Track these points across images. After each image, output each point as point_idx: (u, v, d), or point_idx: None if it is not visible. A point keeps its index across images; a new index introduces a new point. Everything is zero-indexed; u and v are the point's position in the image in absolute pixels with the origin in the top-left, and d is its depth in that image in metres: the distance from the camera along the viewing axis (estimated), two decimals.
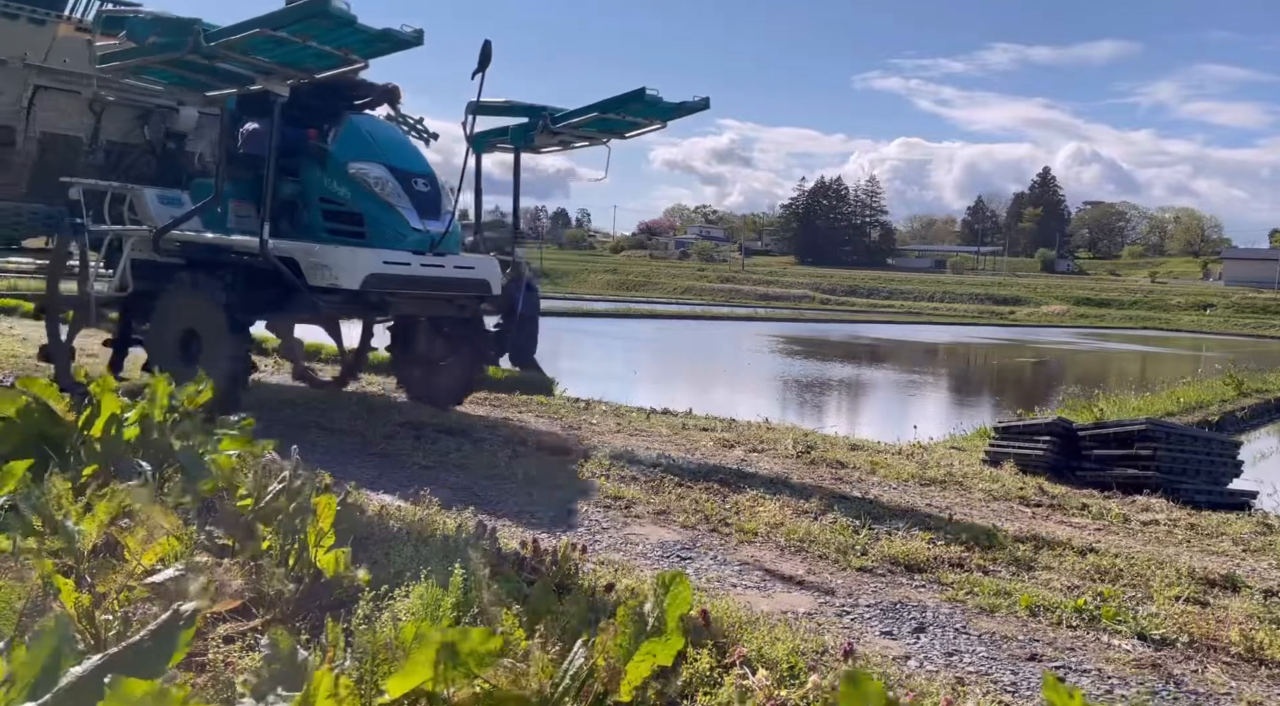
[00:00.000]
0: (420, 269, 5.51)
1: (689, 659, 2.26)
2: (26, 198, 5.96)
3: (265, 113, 5.44)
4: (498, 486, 4.36)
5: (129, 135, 6.36)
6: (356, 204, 5.49)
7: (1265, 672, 2.73)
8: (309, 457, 3.00)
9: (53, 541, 2.56)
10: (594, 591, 2.71)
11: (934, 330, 36.17)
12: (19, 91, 5.86)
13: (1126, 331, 44.35)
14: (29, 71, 5.81)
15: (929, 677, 2.51)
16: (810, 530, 3.85)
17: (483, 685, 1.72)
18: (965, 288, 68.48)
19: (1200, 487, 5.52)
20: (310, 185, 5.55)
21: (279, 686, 1.68)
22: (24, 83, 5.84)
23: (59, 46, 5.94)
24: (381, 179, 5.55)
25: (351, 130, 5.69)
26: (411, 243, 5.54)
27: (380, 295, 5.43)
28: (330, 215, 5.52)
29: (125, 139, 6.34)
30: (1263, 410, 12.45)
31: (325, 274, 5.25)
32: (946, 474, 5.43)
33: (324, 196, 5.53)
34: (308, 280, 5.27)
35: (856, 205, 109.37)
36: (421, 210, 5.65)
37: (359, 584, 2.49)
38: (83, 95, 6.04)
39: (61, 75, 5.95)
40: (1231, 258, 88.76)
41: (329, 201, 5.53)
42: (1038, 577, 3.50)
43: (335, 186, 5.50)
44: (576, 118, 6.49)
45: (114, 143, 6.28)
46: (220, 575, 2.42)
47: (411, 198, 5.62)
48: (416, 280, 5.53)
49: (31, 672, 1.53)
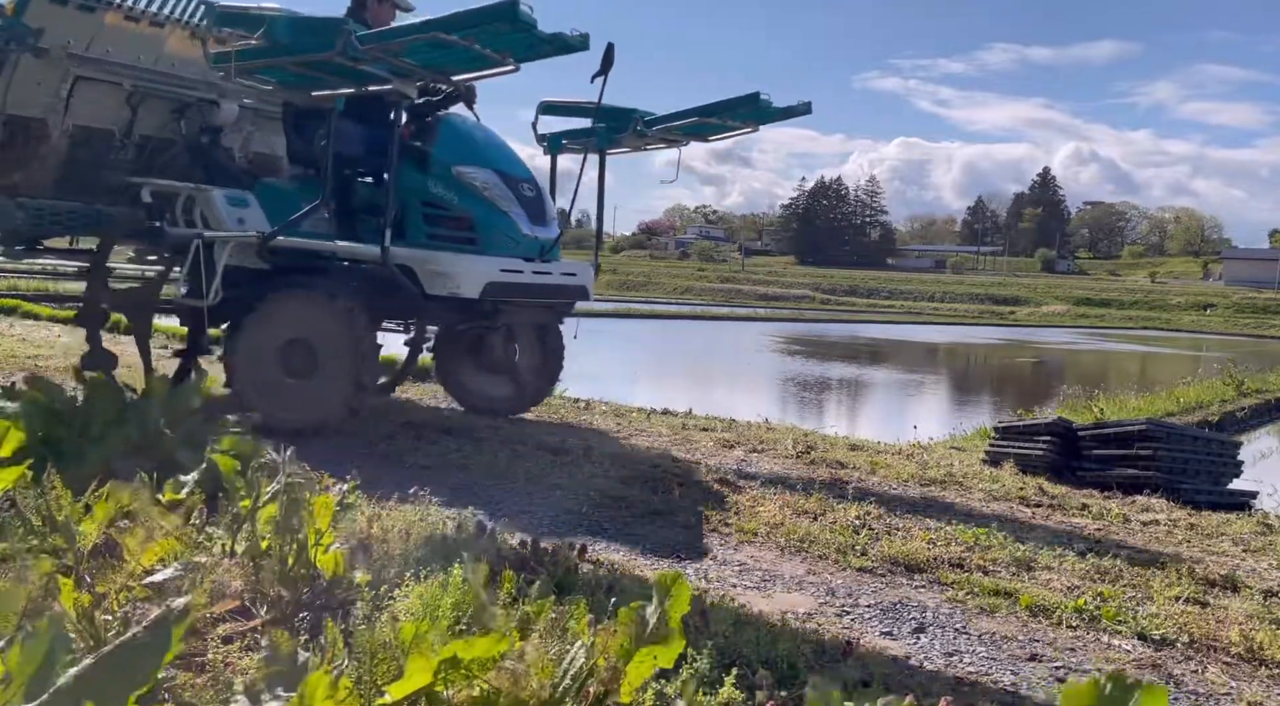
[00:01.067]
0: (532, 276, 5.42)
1: (689, 659, 2.25)
2: (54, 194, 5.77)
3: (358, 113, 5.42)
4: (498, 486, 4.36)
5: (163, 129, 6.14)
6: (465, 209, 5.29)
7: (1265, 673, 2.73)
8: (309, 458, 2.99)
9: (53, 540, 2.56)
10: (594, 591, 2.71)
11: (934, 330, 36.19)
12: (58, 82, 5.58)
13: (1126, 331, 44.35)
14: (71, 61, 5.52)
15: (929, 678, 2.50)
16: (810, 530, 3.85)
17: (483, 686, 1.72)
18: (965, 288, 68.51)
19: (1200, 487, 5.52)
20: (410, 188, 5.31)
21: (278, 687, 1.68)
22: (65, 73, 5.55)
23: (104, 35, 5.63)
24: (492, 183, 5.39)
25: (450, 131, 5.48)
26: (523, 249, 5.43)
27: (494, 304, 5.30)
28: (434, 220, 5.30)
29: (159, 133, 6.12)
30: (1263, 410, 12.45)
31: (445, 282, 5.12)
32: (946, 474, 5.43)
33: (426, 200, 5.31)
34: (425, 288, 5.15)
35: (856, 205, 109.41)
36: (530, 215, 5.54)
37: (358, 584, 2.49)
38: (124, 87, 5.80)
39: (106, 66, 5.67)
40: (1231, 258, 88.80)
41: (433, 206, 5.31)
42: (1038, 578, 3.49)
43: (440, 190, 5.28)
44: (676, 121, 6.30)
45: (146, 137, 6.06)
46: (220, 575, 2.42)
47: (520, 202, 5.48)
48: (529, 288, 5.45)
49: (28, 672, 1.53)
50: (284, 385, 5.16)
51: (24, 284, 16.82)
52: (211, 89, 6.11)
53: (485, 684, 1.72)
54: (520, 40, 4.59)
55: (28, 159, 5.73)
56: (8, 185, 5.64)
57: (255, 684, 1.72)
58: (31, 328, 10.46)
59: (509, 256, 5.35)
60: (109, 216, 5.83)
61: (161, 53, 5.90)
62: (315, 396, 5.16)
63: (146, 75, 5.88)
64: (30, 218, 5.55)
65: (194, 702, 1.94)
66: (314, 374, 5.16)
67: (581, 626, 2.10)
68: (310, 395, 5.15)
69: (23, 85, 5.52)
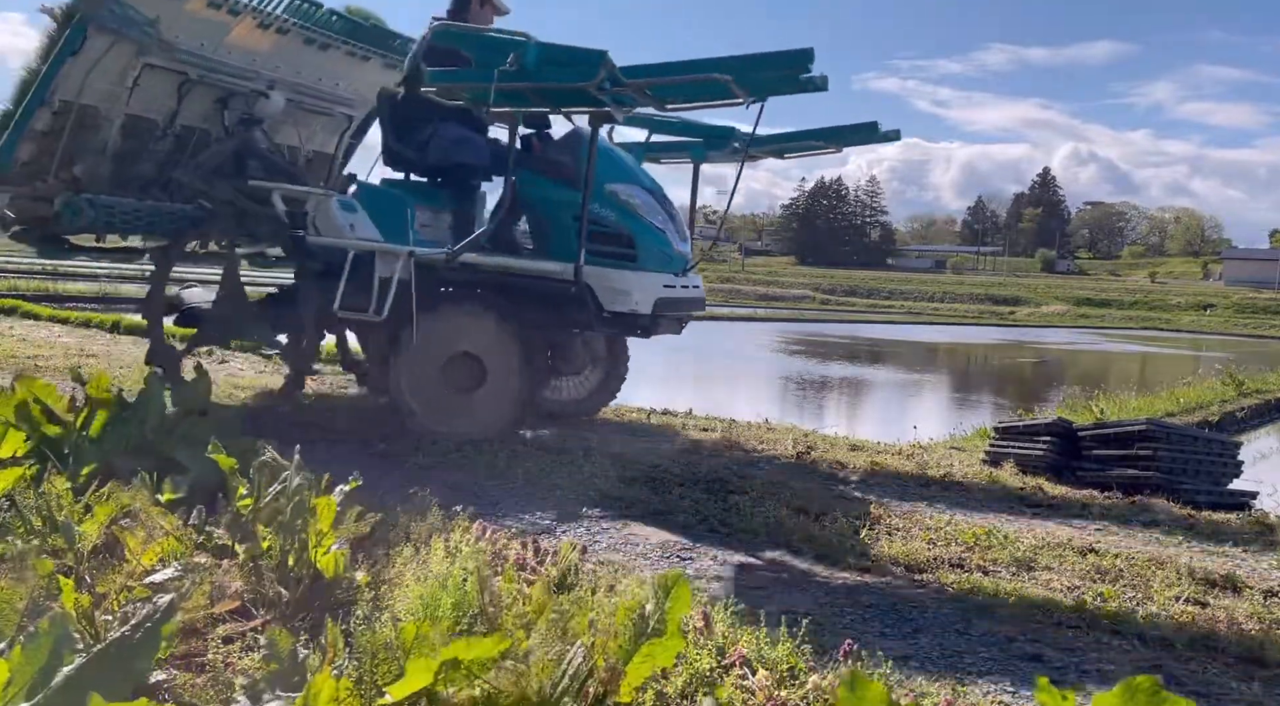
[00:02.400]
0: (680, 291, 5.51)
1: (689, 659, 2.25)
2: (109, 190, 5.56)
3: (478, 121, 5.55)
4: (498, 486, 4.36)
5: (207, 120, 6.00)
6: (623, 225, 5.27)
7: (1265, 673, 2.73)
8: (309, 458, 3.00)
9: (53, 540, 2.56)
10: (594, 591, 2.71)
11: (934, 330, 36.18)
12: (125, 68, 5.42)
13: (1126, 331, 44.34)
14: (146, 46, 5.39)
15: (929, 678, 2.50)
16: (810, 530, 3.85)
17: (483, 686, 1.72)
18: (965, 288, 68.49)
19: (1200, 488, 5.52)
20: (561, 204, 5.30)
21: (278, 687, 1.68)
22: (134, 59, 5.41)
23: (176, 21, 5.48)
24: (644, 200, 5.44)
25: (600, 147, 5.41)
26: (674, 264, 5.49)
27: (655, 318, 5.33)
28: (590, 236, 5.23)
29: (201, 124, 5.99)
30: (1263, 410, 12.43)
31: (625, 299, 5.18)
32: (946, 474, 5.43)
33: (578, 215, 5.24)
34: (604, 305, 5.18)
35: (856, 205, 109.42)
36: (676, 231, 5.61)
37: (358, 584, 2.49)
38: (191, 76, 5.68)
39: (178, 54, 5.54)
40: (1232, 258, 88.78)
41: (589, 222, 5.24)
42: (1038, 578, 3.49)
43: (595, 207, 5.23)
44: (787, 144, 6.44)
45: (188, 128, 5.93)
46: (220, 576, 2.42)
47: (669, 219, 5.55)
48: (680, 302, 5.51)
49: (29, 672, 1.53)
50: (447, 398, 5.26)
51: (24, 284, 16.82)
52: (261, 80, 6.02)
53: (486, 684, 1.72)
54: (780, 82, 4.70)
55: (86, 151, 5.52)
56: (67, 179, 5.46)
57: (256, 684, 1.72)
58: (31, 327, 10.46)
59: (665, 272, 5.43)
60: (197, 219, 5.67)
61: (223, 40, 5.75)
62: (479, 410, 5.26)
63: (209, 64, 5.73)
64: (100, 216, 5.31)
65: (194, 702, 1.94)
66: (479, 388, 5.25)
67: (582, 626, 2.10)
68: (474, 408, 5.26)
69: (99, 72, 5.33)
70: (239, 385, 6.74)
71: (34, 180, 5.44)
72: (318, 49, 6.38)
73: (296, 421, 5.44)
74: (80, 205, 5.23)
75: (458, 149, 5.51)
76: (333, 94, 6.76)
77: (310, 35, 6.23)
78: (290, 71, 6.29)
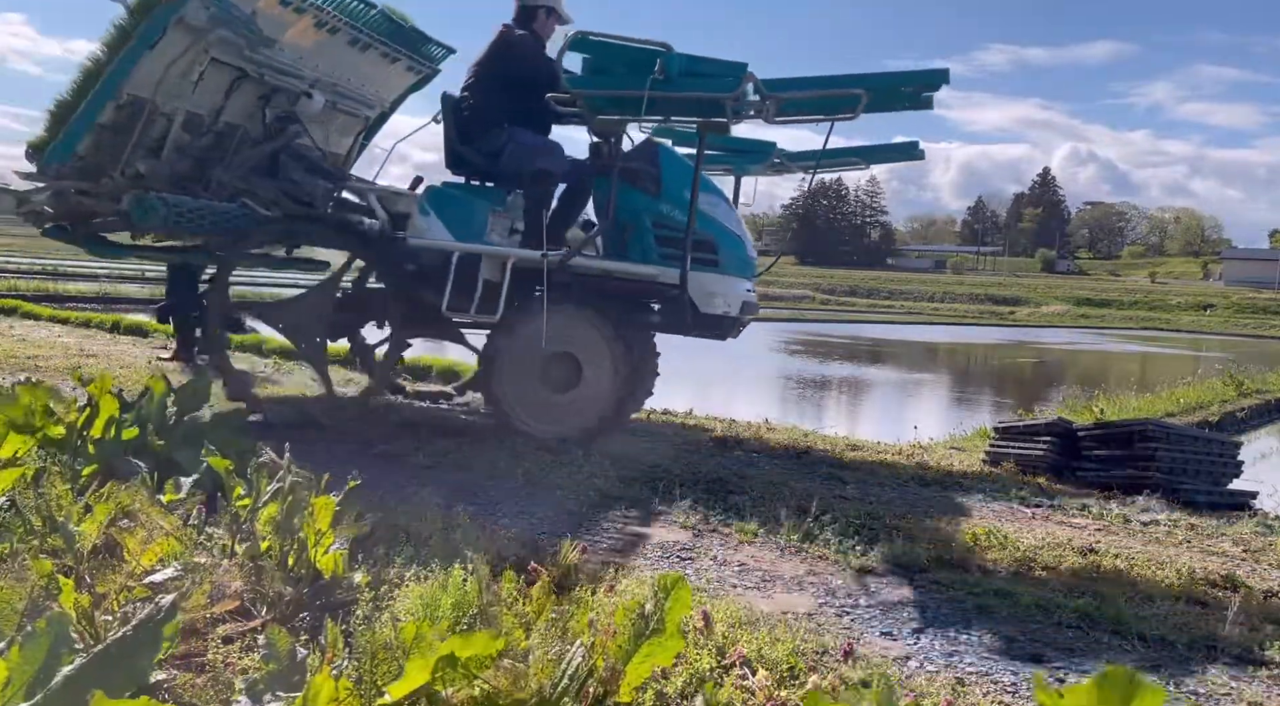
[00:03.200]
0: (751, 295, 5.73)
1: (688, 659, 2.25)
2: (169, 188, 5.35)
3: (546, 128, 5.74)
4: (498, 486, 4.36)
5: (250, 118, 5.86)
6: (706, 231, 5.48)
7: (1265, 673, 2.73)
8: (309, 457, 3.00)
9: (53, 540, 2.56)
10: (594, 591, 2.71)
11: (934, 330, 36.18)
12: (192, 63, 5.33)
13: (1126, 331, 44.34)
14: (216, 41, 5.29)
15: (929, 678, 2.50)
16: (810, 530, 3.85)
17: (483, 685, 1.72)
18: (965, 288, 68.51)
19: (1200, 488, 5.51)
20: (640, 210, 5.44)
21: (278, 687, 1.68)
22: (202, 53, 5.31)
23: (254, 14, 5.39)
24: (725, 209, 5.64)
25: (669, 157, 5.60)
26: (749, 269, 5.72)
27: (735, 321, 5.58)
28: (667, 241, 5.42)
29: (242, 122, 5.85)
30: (1263, 410, 12.43)
31: (718, 302, 5.45)
32: (946, 474, 5.43)
33: (659, 222, 5.43)
34: (699, 308, 5.41)
35: (856, 205, 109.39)
36: (748, 237, 5.83)
37: (358, 584, 2.49)
38: (247, 73, 5.57)
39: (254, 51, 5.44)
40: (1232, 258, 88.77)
41: (665, 227, 5.43)
42: (1038, 577, 3.49)
43: (675, 213, 5.42)
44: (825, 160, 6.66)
45: (230, 125, 5.81)
46: (219, 576, 2.42)
47: (740, 225, 5.74)
48: (753, 306, 5.75)
49: (27, 672, 1.53)
50: (545, 398, 5.39)
51: (24, 284, 16.83)
52: (306, 79, 5.94)
53: (485, 684, 1.72)
54: (902, 99, 5.07)
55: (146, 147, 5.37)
56: (132, 175, 5.32)
57: (256, 684, 1.72)
58: (31, 327, 10.46)
59: (743, 277, 5.66)
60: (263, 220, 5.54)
61: (280, 37, 5.68)
62: (574, 410, 5.40)
63: (268, 61, 5.63)
64: (171, 215, 5.15)
65: (194, 702, 1.94)
66: (575, 388, 5.38)
67: (582, 626, 2.10)
68: (570, 409, 5.40)
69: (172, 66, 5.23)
70: None
71: (92, 176, 5.29)
72: (358, 50, 6.31)
73: (297, 421, 5.44)
74: (154, 203, 5.10)
75: (538, 155, 5.59)
76: (359, 94, 6.67)
77: (357, 36, 6.19)
78: (329, 70, 6.23)
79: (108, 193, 5.26)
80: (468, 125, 5.68)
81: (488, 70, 5.68)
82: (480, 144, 5.64)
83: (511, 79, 5.59)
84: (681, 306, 5.37)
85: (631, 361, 5.43)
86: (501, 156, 5.57)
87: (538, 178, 5.56)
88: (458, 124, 5.72)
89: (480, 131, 5.64)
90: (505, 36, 5.68)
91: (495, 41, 5.72)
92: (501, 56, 5.66)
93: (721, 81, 4.91)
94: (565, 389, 5.40)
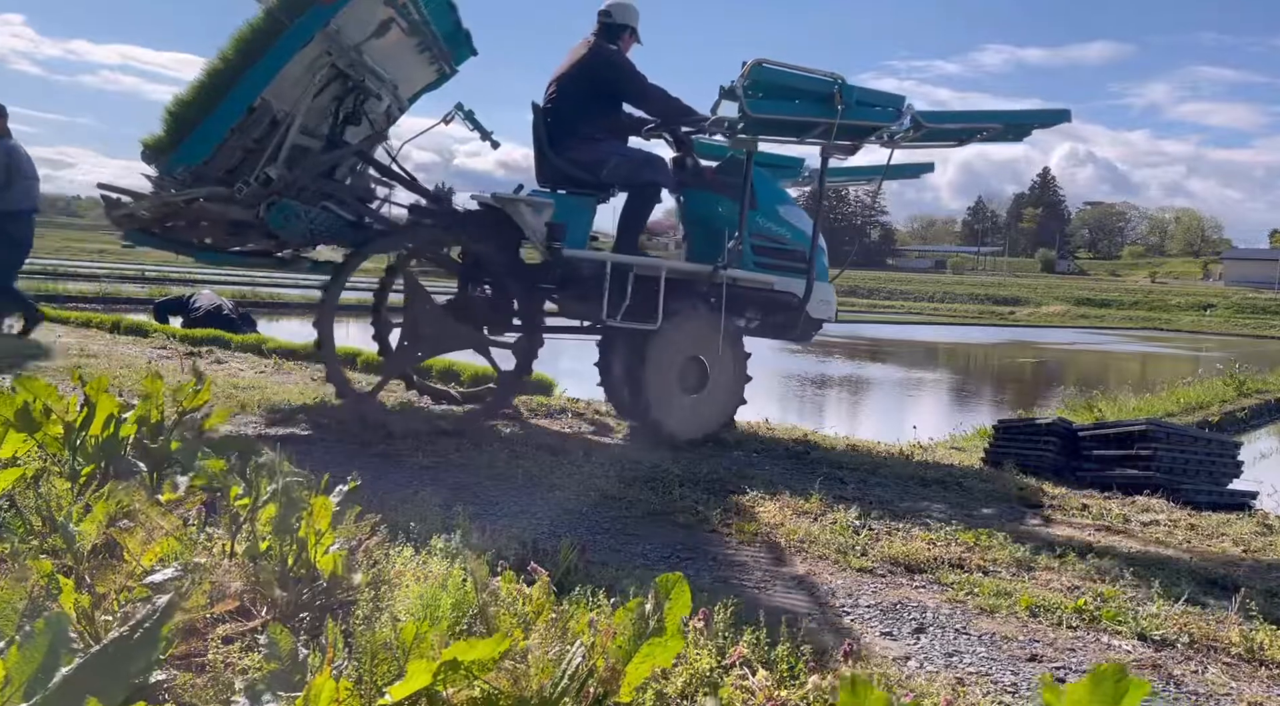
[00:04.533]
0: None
1: (689, 659, 2.25)
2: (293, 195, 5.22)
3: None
4: (498, 486, 4.36)
5: (319, 123, 5.68)
6: (799, 242, 5.97)
7: (1265, 673, 2.73)
8: (309, 457, 3.00)
9: (53, 540, 2.56)
10: (594, 591, 2.71)
11: (934, 330, 36.17)
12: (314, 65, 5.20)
13: (1126, 331, 44.33)
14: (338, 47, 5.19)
15: (929, 678, 2.50)
16: (810, 530, 3.85)
17: (483, 686, 1.72)
18: (965, 288, 68.50)
19: (1200, 488, 5.52)
20: (736, 222, 5.80)
21: (278, 687, 1.68)
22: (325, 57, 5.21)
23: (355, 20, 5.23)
24: (807, 221, 6.06)
25: (759, 174, 5.95)
26: (826, 277, 6.13)
27: (821, 324, 6.17)
28: (765, 250, 5.90)
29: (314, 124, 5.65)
30: (1263, 410, 12.44)
31: (825, 308, 6.03)
32: (946, 474, 5.43)
33: (754, 232, 5.88)
34: (810, 313, 5.97)
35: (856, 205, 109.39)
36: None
37: (358, 584, 2.49)
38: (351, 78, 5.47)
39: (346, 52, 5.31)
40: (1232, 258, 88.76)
41: (764, 238, 5.90)
42: (1038, 578, 3.49)
43: (771, 225, 5.92)
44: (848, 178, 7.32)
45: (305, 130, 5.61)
46: (219, 576, 2.42)
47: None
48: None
49: (25, 672, 1.53)
50: (679, 401, 5.70)
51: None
52: (386, 83, 5.84)
53: (485, 684, 1.71)
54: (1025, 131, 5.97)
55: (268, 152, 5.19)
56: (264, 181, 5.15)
57: (256, 684, 1.72)
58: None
59: (828, 283, 6.15)
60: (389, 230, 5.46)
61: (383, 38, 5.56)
62: (700, 411, 5.77)
63: (367, 66, 5.51)
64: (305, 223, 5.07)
65: (194, 703, 1.94)
66: (702, 389, 5.73)
67: (582, 626, 2.10)
68: (697, 410, 5.76)
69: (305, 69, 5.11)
70: (238, 385, 6.73)
71: (225, 181, 5.12)
72: (418, 53, 6.17)
73: (296, 421, 5.44)
74: (295, 211, 5.08)
75: (648, 168, 5.81)
76: (399, 97, 6.50)
77: (427, 43, 6.07)
78: (393, 73, 6.10)
79: (244, 199, 5.11)
80: (563, 136, 5.81)
81: (585, 84, 5.82)
82: (578, 155, 5.77)
83: (606, 93, 5.86)
84: (798, 314, 5.90)
85: (743, 365, 5.81)
86: (605, 167, 5.74)
87: (646, 189, 5.83)
88: (551, 134, 5.82)
89: (576, 142, 5.79)
90: (607, 54, 5.87)
91: (594, 57, 5.86)
92: (603, 73, 5.83)
93: (885, 112, 5.54)
94: (694, 392, 5.73)
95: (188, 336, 9.98)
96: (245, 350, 9.33)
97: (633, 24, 6.00)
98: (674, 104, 5.85)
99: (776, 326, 6.09)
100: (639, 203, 5.87)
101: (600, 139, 5.80)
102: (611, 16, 5.96)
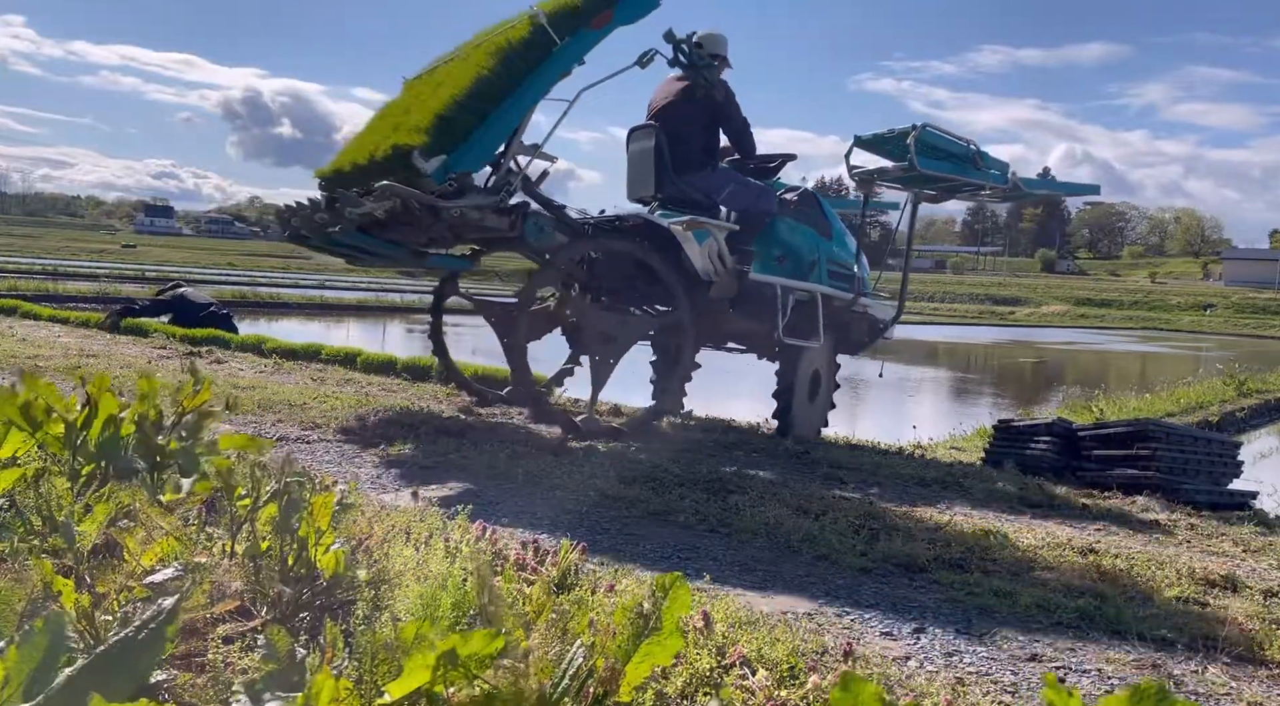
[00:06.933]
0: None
1: (689, 659, 2.25)
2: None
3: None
4: (498, 486, 4.36)
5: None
6: (857, 265, 6.78)
7: (1265, 673, 2.73)
8: (309, 457, 2.99)
9: (53, 541, 2.56)
10: (594, 591, 2.71)
11: (934, 330, 36.16)
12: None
13: (1126, 331, 44.34)
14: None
15: (929, 678, 2.50)
16: (810, 530, 3.85)
17: (482, 685, 1.72)
18: (965, 288, 68.52)
19: (1200, 488, 5.52)
20: (820, 248, 6.48)
21: (278, 687, 1.68)
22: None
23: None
24: (858, 249, 6.84)
25: (826, 206, 6.74)
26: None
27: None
28: (838, 275, 6.60)
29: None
30: (1263, 410, 12.44)
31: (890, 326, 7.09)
32: (946, 474, 5.43)
33: (829, 258, 6.55)
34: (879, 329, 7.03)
35: None
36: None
37: (358, 584, 2.49)
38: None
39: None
40: (1232, 258, 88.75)
41: (833, 263, 6.57)
42: (1038, 577, 3.49)
43: (839, 251, 6.65)
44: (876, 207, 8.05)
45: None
46: (219, 576, 2.42)
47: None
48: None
49: (24, 672, 1.53)
50: (805, 408, 6.47)
51: (24, 284, 16.83)
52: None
53: (485, 684, 1.71)
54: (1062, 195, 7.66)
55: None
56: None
57: (255, 684, 1.72)
58: (31, 327, 10.46)
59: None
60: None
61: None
62: (813, 416, 6.61)
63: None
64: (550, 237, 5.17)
65: (194, 703, 1.94)
66: (815, 398, 6.58)
67: (582, 626, 2.10)
68: (811, 415, 6.57)
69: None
70: (238, 384, 6.74)
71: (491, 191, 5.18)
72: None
73: (296, 421, 5.44)
74: (544, 223, 5.22)
75: (764, 198, 6.29)
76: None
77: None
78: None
79: (490, 206, 5.13)
80: (683, 162, 6.05)
81: (701, 112, 6.09)
82: (695, 181, 6.07)
83: (716, 124, 6.20)
84: (875, 331, 6.97)
85: (834, 375, 6.81)
86: (722, 194, 6.12)
87: (759, 216, 6.24)
88: (673, 163, 6.04)
89: (693, 169, 6.08)
90: (725, 89, 6.15)
91: (712, 90, 6.07)
92: (725, 108, 6.14)
93: (1000, 176, 6.54)
94: (811, 399, 6.51)
95: (188, 336, 9.98)
96: (245, 350, 9.34)
97: (727, 56, 6.26)
98: (754, 143, 6.43)
99: (852, 343, 7.00)
100: (751, 227, 6.22)
101: (714, 167, 6.21)
102: (703, 48, 6.09)
